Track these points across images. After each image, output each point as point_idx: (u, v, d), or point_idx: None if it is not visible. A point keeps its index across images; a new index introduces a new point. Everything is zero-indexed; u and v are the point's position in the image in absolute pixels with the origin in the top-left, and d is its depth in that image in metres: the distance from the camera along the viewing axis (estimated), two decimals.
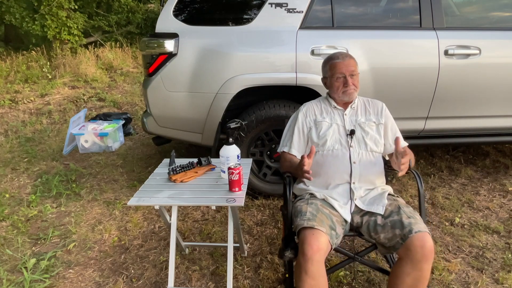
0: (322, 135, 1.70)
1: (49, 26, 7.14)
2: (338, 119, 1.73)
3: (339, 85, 1.70)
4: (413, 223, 1.43)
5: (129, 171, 3.38)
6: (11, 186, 3.18)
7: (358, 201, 1.63)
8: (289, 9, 2.48)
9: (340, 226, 1.53)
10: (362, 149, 1.68)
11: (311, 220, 1.45)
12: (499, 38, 2.57)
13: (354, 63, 1.72)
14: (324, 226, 1.44)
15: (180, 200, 1.61)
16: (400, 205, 1.56)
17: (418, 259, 1.38)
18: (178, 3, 2.54)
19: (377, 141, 1.71)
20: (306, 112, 1.79)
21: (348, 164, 1.65)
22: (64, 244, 2.34)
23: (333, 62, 1.72)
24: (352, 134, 1.68)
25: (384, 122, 1.74)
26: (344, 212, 1.59)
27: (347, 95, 1.70)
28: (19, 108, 5.25)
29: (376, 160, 1.70)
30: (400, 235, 1.43)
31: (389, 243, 1.47)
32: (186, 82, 2.52)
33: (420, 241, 1.37)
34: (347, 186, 1.65)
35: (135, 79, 6.59)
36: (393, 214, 1.52)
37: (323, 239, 1.39)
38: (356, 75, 1.70)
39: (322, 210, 1.54)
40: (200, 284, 1.96)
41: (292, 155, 1.77)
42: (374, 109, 1.77)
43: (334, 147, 1.68)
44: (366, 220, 1.57)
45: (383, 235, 1.49)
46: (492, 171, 3.15)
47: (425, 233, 1.39)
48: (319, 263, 1.36)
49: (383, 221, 1.51)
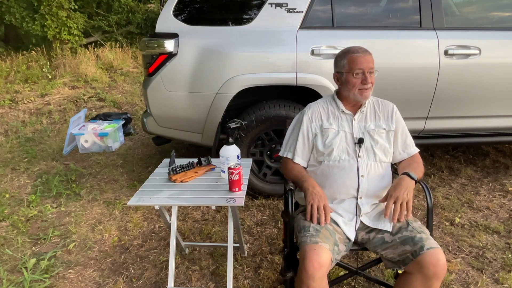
0: (328, 144, 1.58)
1: (49, 26, 7.13)
2: (346, 126, 1.60)
3: (356, 82, 1.54)
4: (424, 238, 1.37)
5: (129, 171, 3.38)
6: (11, 186, 3.18)
7: (364, 217, 1.54)
8: (289, 9, 2.48)
9: (342, 243, 1.47)
10: (370, 160, 1.57)
11: (315, 237, 1.38)
12: (499, 38, 2.57)
13: (373, 60, 1.56)
14: (327, 243, 1.37)
15: (180, 200, 1.61)
16: (408, 220, 1.48)
17: (430, 276, 1.32)
18: (178, 3, 2.54)
19: (386, 150, 1.60)
20: (312, 116, 1.65)
21: (355, 177, 1.54)
22: (64, 244, 2.34)
23: (353, 55, 1.55)
24: (361, 143, 1.56)
25: (394, 128, 1.63)
26: (348, 230, 1.51)
27: (362, 95, 1.56)
28: (19, 108, 5.25)
29: (384, 172, 1.60)
30: (411, 251, 1.36)
31: (398, 258, 1.41)
32: (186, 82, 2.52)
33: (434, 258, 1.31)
34: (353, 202, 1.55)
35: (135, 79, 6.58)
36: (402, 230, 1.44)
37: (326, 256, 1.32)
38: (373, 72, 1.56)
39: (326, 225, 1.46)
40: (200, 284, 1.96)
41: (296, 164, 1.66)
42: (384, 113, 1.64)
43: (341, 157, 1.57)
44: (373, 237, 1.50)
45: (391, 251, 1.43)
46: (492, 171, 3.15)
47: (438, 250, 1.33)
48: (321, 279, 1.31)
49: (391, 238, 1.44)
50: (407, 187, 1.46)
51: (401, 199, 1.44)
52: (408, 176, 1.50)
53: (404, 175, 1.51)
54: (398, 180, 1.50)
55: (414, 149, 1.67)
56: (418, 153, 1.69)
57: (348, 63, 1.56)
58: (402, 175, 1.52)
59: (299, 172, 1.62)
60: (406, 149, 1.66)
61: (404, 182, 1.48)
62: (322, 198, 1.49)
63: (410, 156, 1.66)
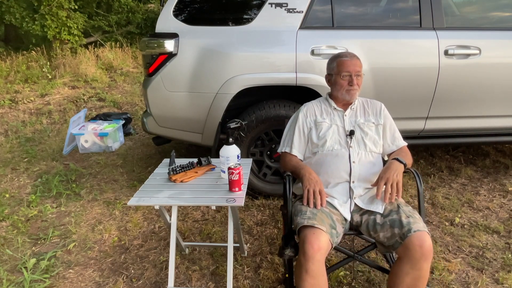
0: (322, 136, 1.72)
1: (49, 26, 7.14)
2: (338, 120, 1.75)
3: (343, 83, 1.70)
4: (412, 222, 1.44)
5: (129, 171, 3.38)
6: (11, 186, 3.18)
7: (358, 199, 1.64)
8: (289, 9, 2.48)
9: (340, 224, 1.54)
10: (361, 150, 1.69)
11: (312, 219, 1.45)
12: (499, 38, 2.57)
13: (360, 64, 1.73)
14: (324, 225, 1.44)
15: (180, 200, 1.61)
16: (399, 204, 1.57)
17: (417, 258, 1.38)
18: (178, 3, 2.54)
19: (376, 141, 1.72)
20: (307, 112, 1.80)
21: (347, 163, 1.66)
22: (64, 244, 2.34)
23: (341, 59, 1.73)
24: (352, 134, 1.69)
25: (383, 123, 1.76)
26: (344, 211, 1.60)
27: (349, 94, 1.71)
28: (19, 108, 5.25)
29: (375, 160, 1.71)
30: (399, 234, 1.43)
31: (388, 242, 1.47)
32: (186, 82, 2.52)
33: (419, 240, 1.38)
34: (346, 185, 1.65)
35: (135, 79, 6.59)
36: (392, 213, 1.52)
37: (324, 238, 1.40)
38: (361, 76, 1.72)
39: (322, 209, 1.54)
40: (200, 284, 1.96)
41: (293, 155, 1.78)
42: (373, 110, 1.78)
43: (333, 147, 1.70)
44: (366, 219, 1.58)
45: (382, 234, 1.50)
46: (492, 171, 3.15)
47: (424, 232, 1.40)
48: (320, 262, 1.37)
49: (382, 220, 1.52)
50: (396, 169, 1.56)
51: (391, 180, 1.53)
52: (397, 160, 1.60)
53: (393, 160, 1.62)
54: (388, 164, 1.61)
55: (402, 142, 1.79)
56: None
57: (337, 66, 1.73)
58: (392, 160, 1.63)
59: (296, 162, 1.75)
60: (395, 141, 1.78)
61: (393, 165, 1.58)
62: (318, 183, 1.58)
63: (399, 148, 1.77)
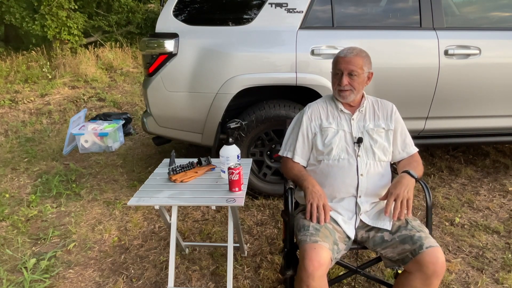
0: (328, 143, 1.59)
1: (49, 26, 7.13)
2: (345, 125, 1.61)
3: (335, 82, 1.60)
4: (423, 237, 1.38)
5: (129, 171, 3.38)
6: (11, 186, 3.18)
7: (364, 215, 1.55)
8: (289, 9, 2.48)
9: (342, 242, 1.47)
10: (370, 159, 1.57)
11: (314, 235, 1.39)
12: (499, 38, 2.57)
13: (359, 63, 1.55)
14: (327, 242, 1.38)
15: (180, 200, 1.61)
16: (407, 219, 1.49)
17: (429, 274, 1.33)
18: (178, 3, 2.54)
19: (385, 149, 1.60)
20: (311, 115, 1.66)
21: (355, 176, 1.55)
22: (64, 244, 2.34)
23: (338, 56, 1.60)
24: (360, 142, 1.57)
25: (394, 128, 1.63)
26: (347, 228, 1.51)
27: (340, 95, 1.59)
28: (19, 108, 5.25)
29: (384, 170, 1.60)
30: (410, 250, 1.37)
31: (397, 257, 1.41)
32: (186, 82, 2.52)
33: (433, 257, 1.32)
34: (352, 200, 1.56)
35: (135, 79, 6.58)
36: (401, 228, 1.45)
37: (325, 254, 1.33)
38: (356, 75, 1.55)
39: (326, 225, 1.47)
40: (200, 284, 1.96)
41: (295, 163, 1.67)
42: (384, 113, 1.64)
43: (340, 156, 1.57)
44: (372, 236, 1.50)
45: (390, 250, 1.43)
46: (492, 171, 3.15)
47: (437, 248, 1.34)
48: (321, 278, 1.31)
49: (391, 237, 1.44)
50: (407, 185, 1.46)
51: (401, 197, 1.44)
52: (408, 174, 1.50)
53: (404, 173, 1.51)
54: (399, 178, 1.50)
55: (413, 149, 1.67)
56: (418, 152, 1.69)
57: (333, 63, 1.63)
58: (403, 173, 1.51)
59: (299, 171, 1.63)
60: (406, 148, 1.66)
61: (404, 180, 1.48)
62: (321, 196, 1.49)
63: (410, 155, 1.66)
